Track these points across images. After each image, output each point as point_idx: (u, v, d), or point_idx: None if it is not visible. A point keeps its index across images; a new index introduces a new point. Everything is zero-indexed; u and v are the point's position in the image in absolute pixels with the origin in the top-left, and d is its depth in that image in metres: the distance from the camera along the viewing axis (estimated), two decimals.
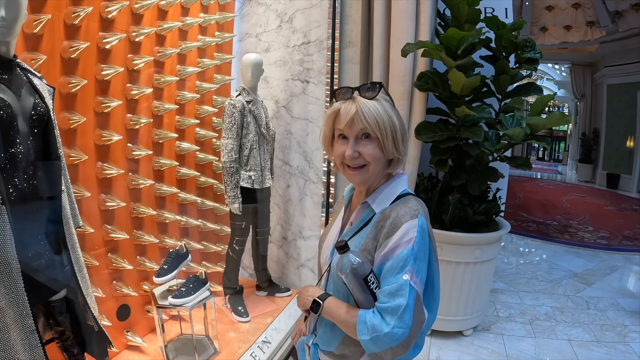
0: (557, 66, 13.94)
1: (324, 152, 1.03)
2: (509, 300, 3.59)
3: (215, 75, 2.88)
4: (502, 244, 5.24)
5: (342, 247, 0.94)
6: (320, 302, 1.02)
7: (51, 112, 1.39)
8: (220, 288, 2.80)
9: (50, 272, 1.40)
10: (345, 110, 0.98)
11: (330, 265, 1.09)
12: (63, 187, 1.45)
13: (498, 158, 2.67)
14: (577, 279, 4.15)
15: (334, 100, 1.06)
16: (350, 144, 0.99)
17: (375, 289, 0.93)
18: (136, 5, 2.17)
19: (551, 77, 14.89)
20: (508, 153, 2.84)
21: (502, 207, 3.07)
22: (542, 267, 4.60)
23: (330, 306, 1.02)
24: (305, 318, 1.19)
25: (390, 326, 0.88)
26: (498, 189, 2.94)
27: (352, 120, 0.97)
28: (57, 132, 1.45)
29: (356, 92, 1.00)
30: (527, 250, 5.34)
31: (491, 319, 3.19)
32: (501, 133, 2.68)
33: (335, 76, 2.83)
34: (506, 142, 2.52)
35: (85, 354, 1.59)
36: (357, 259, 0.93)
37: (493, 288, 3.75)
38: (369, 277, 0.93)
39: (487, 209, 2.70)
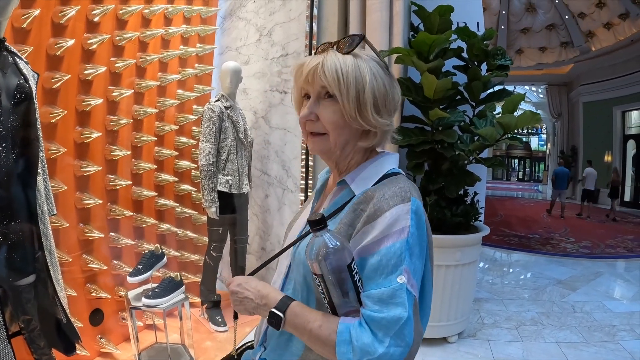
0: (533, 88, 14.43)
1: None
2: (494, 308, 3.56)
3: (195, 85, 2.93)
4: (485, 265, 5.27)
5: (317, 222, 0.69)
6: (281, 314, 0.74)
7: (34, 95, 1.44)
8: (198, 299, 2.73)
9: (21, 253, 1.39)
10: (307, 64, 0.79)
11: (293, 258, 0.84)
12: (39, 170, 1.46)
13: (473, 160, 2.72)
14: (562, 286, 4.16)
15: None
16: (309, 103, 0.80)
17: (358, 281, 0.70)
18: (121, 11, 2.24)
19: (528, 99, 15.38)
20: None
21: (482, 212, 3.10)
22: (526, 276, 4.60)
23: (295, 318, 0.74)
24: (236, 316, 0.90)
25: (385, 345, 0.65)
26: (476, 193, 2.97)
27: (312, 74, 0.78)
28: (37, 115, 1.48)
29: (328, 46, 0.82)
30: (510, 261, 5.36)
31: (476, 326, 3.16)
32: (476, 138, 2.74)
33: None
34: (480, 142, 2.58)
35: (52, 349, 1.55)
36: (335, 241, 0.68)
37: (477, 297, 3.72)
38: (352, 264, 0.69)
39: (466, 211, 2.73)
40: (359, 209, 0.76)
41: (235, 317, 0.92)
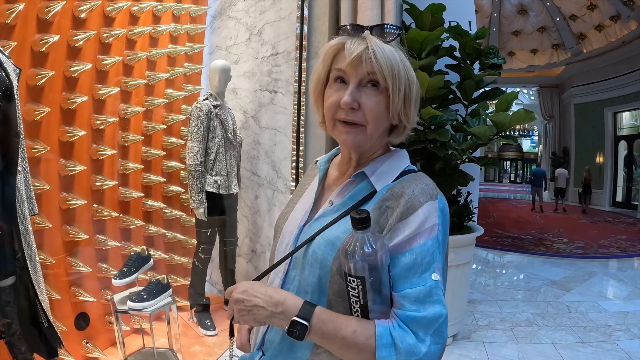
0: (525, 90, 14.51)
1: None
2: (488, 309, 3.54)
3: (185, 84, 2.88)
4: (478, 267, 5.26)
5: (362, 221, 0.63)
6: (307, 324, 0.65)
7: (15, 90, 1.39)
8: (186, 303, 2.67)
9: None
10: (351, 45, 0.72)
11: (304, 257, 0.77)
12: (20, 168, 1.41)
13: (467, 159, 2.69)
14: (556, 286, 4.14)
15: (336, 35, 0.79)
16: (350, 89, 0.73)
17: (391, 282, 0.68)
18: (108, 8, 2.20)
19: (520, 102, 15.46)
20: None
21: (475, 212, 3.07)
22: (520, 277, 4.59)
23: (322, 325, 0.66)
24: (231, 334, 0.84)
25: (427, 344, 0.63)
26: (469, 193, 2.94)
27: (359, 58, 0.72)
28: (19, 111, 1.44)
29: (367, 32, 0.76)
30: (503, 262, 5.34)
31: (471, 328, 3.13)
32: (469, 137, 2.72)
33: (303, 85, 2.86)
34: (473, 141, 2.55)
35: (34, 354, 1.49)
36: (377, 241, 0.65)
37: (471, 299, 3.69)
38: (389, 265, 0.68)
39: (459, 211, 2.70)
40: (385, 206, 0.73)
41: (231, 334, 0.84)
